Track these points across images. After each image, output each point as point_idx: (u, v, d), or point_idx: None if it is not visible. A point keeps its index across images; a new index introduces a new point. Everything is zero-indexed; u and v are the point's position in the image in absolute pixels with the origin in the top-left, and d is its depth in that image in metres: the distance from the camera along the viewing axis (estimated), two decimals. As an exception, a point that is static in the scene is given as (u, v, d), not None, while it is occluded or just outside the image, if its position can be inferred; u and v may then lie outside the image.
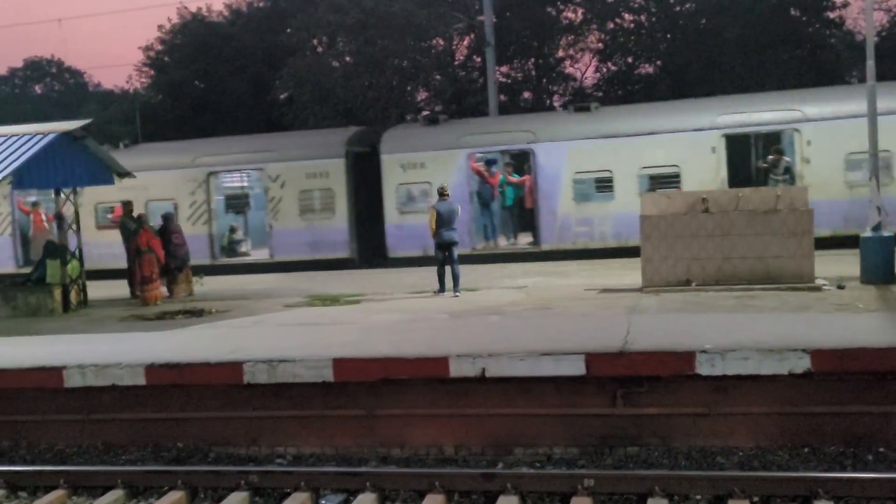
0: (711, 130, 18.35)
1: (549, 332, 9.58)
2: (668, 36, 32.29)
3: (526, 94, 34.49)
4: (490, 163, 20.46)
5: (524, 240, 20.41)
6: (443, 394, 8.69)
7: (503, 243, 20.39)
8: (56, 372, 9.49)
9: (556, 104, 34.06)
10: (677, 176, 18.32)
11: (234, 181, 24.18)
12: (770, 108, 18.60)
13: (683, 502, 6.94)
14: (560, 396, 8.47)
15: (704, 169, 18.23)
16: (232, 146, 22.25)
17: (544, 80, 34.57)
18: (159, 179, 20.81)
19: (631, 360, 8.23)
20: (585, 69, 35.30)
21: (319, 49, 35.08)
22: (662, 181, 18.43)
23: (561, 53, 34.11)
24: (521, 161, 20.71)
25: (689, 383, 8.20)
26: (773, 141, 18.80)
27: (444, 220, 13.69)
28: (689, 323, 9.71)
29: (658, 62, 32.68)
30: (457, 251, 13.86)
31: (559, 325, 10.17)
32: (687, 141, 18.42)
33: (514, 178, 20.36)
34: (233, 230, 22.56)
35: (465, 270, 14.29)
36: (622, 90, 33.10)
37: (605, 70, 34.24)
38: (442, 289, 13.71)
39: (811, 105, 18.29)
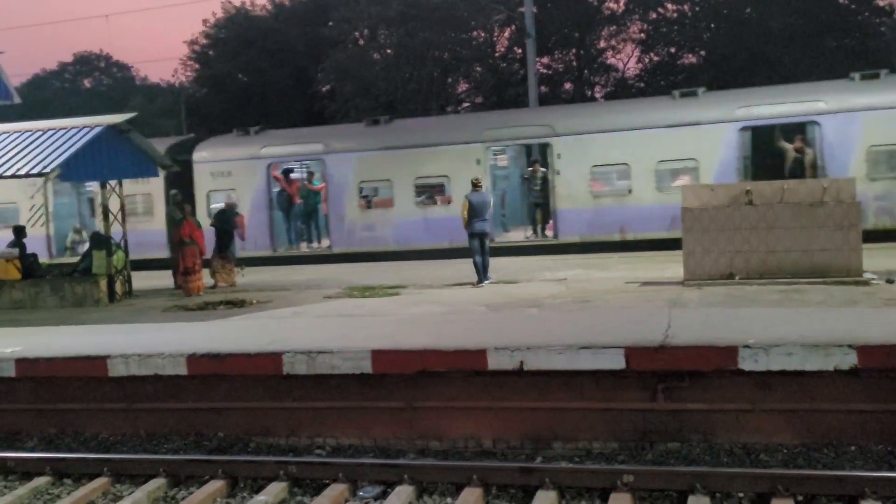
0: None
1: (589, 325, 9.49)
2: (712, 25, 31.83)
3: (567, 86, 34.26)
4: (288, 171, 21.93)
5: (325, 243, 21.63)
6: (481, 386, 8.65)
7: (304, 247, 21.96)
8: (100, 361, 9.64)
9: (597, 95, 33.78)
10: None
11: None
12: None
13: (725, 500, 6.83)
14: (599, 390, 8.39)
15: None
16: None
17: (585, 72, 34.29)
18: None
19: (672, 354, 8.11)
20: (627, 60, 34.99)
21: (361, 41, 35.23)
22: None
23: (602, 44, 33.83)
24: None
25: (732, 379, 8.06)
26: None
27: (476, 211, 14.03)
28: (732, 317, 9.55)
29: (701, 52, 32.23)
30: (488, 241, 14.34)
31: (598, 318, 10.07)
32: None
33: (314, 186, 21.64)
34: None
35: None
36: (665, 81, 32.72)
37: (647, 60, 33.87)
38: (480, 280, 13.97)
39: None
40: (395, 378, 8.85)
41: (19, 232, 16.28)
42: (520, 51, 32.65)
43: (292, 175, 22.25)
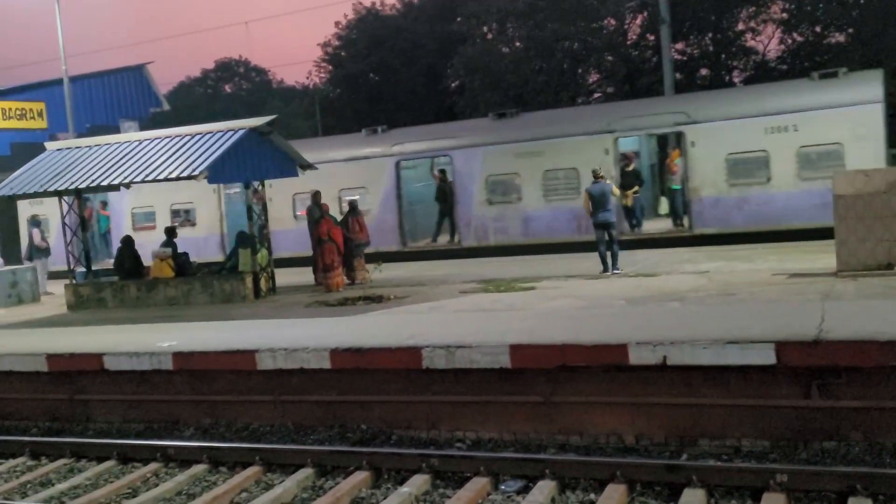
0: None
1: (735, 318, 9.14)
2: (861, 1, 29.98)
3: (703, 71, 33.13)
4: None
5: None
6: (622, 382, 8.49)
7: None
8: (249, 355, 10.04)
9: (736, 80, 32.50)
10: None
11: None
12: None
13: (890, 503, 6.43)
14: (748, 387, 8.07)
15: None
16: None
17: (723, 56, 33.06)
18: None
19: (828, 349, 7.70)
20: (768, 41, 33.45)
21: (489, 36, 35.24)
22: None
23: (741, 26, 32.45)
24: None
25: (895, 374, 7.59)
26: None
27: (597, 202, 14.21)
28: (893, 310, 8.98)
29: (849, 30, 30.43)
30: (615, 230, 14.41)
31: (745, 311, 9.69)
32: None
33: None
34: None
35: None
36: (809, 62, 31.12)
37: (790, 42, 32.31)
38: (605, 269, 14.18)
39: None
40: (535, 373, 8.81)
41: (171, 232, 17.17)
42: (653, 37, 31.80)
43: None
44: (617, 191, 14.84)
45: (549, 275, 14.60)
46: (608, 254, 14.32)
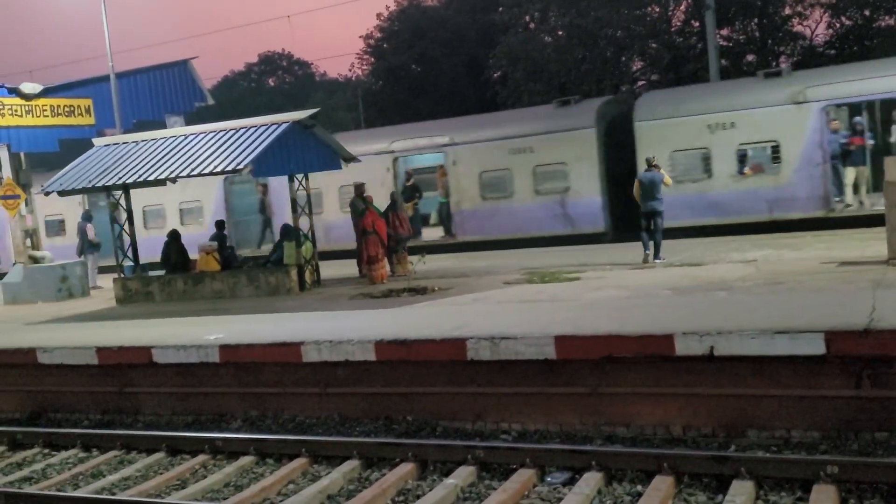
0: None
1: (783, 308, 8.98)
2: (913, -19, 29.23)
3: (749, 57, 32.54)
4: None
5: None
6: (668, 372, 8.40)
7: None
8: (295, 347, 10.13)
9: (782, 65, 31.90)
10: None
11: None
12: None
13: (946, 496, 6.28)
14: (797, 377, 7.93)
15: None
16: None
17: (769, 41, 32.44)
18: None
19: (879, 338, 7.53)
20: (816, 26, 32.73)
21: (531, 25, 35.02)
22: None
23: (788, 11, 31.80)
24: None
25: (950, 365, 7.40)
26: None
27: (646, 190, 14.32)
28: (948, 298, 8.75)
29: (900, 12, 29.68)
30: (661, 220, 14.42)
31: (793, 300, 9.51)
32: None
33: None
34: None
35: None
36: (858, 46, 30.42)
37: (837, 26, 31.59)
38: (647, 249, 14.33)
39: None
40: (580, 364, 8.75)
41: (220, 226, 17.37)
42: (697, 24, 31.35)
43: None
44: (669, 181, 14.72)
45: (593, 265, 14.48)
46: (650, 242, 14.36)
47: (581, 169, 20.09)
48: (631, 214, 18.28)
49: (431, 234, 23.00)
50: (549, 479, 7.46)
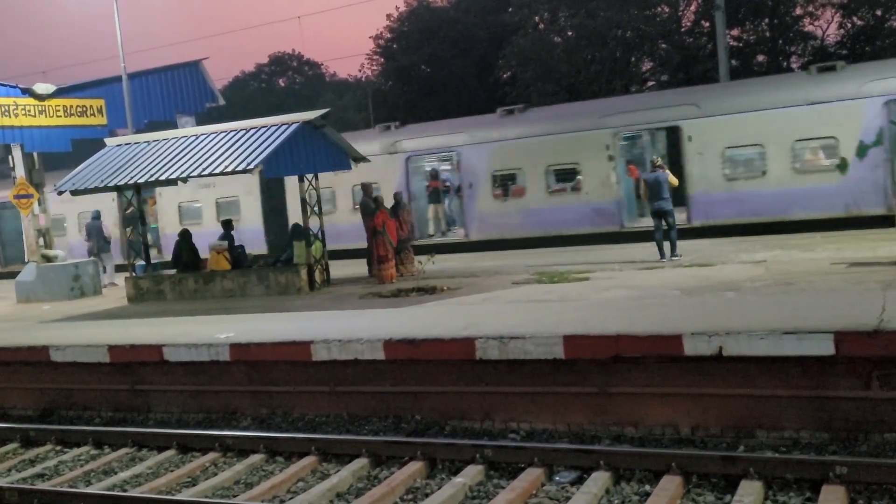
0: None
1: (792, 308, 8.98)
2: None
3: (760, 57, 32.46)
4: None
5: None
6: (677, 372, 8.41)
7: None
8: (305, 346, 10.18)
9: (793, 66, 31.81)
10: None
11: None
12: None
13: (955, 497, 6.28)
14: (806, 377, 7.93)
15: None
16: None
17: (780, 42, 32.36)
18: None
19: (889, 339, 7.52)
20: (827, 26, 32.62)
21: (541, 26, 35.05)
22: None
23: (799, 11, 31.73)
24: None
25: (960, 366, 7.38)
26: None
27: (652, 190, 14.56)
28: (958, 299, 8.73)
29: (912, 12, 29.59)
30: (672, 218, 14.58)
31: (803, 301, 9.51)
32: None
33: None
34: None
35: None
36: (870, 46, 30.32)
37: (849, 26, 31.48)
38: (662, 255, 14.44)
39: None
40: (588, 363, 8.77)
41: (228, 225, 17.45)
42: (708, 24, 31.32)
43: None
44: (674, 180, 14.88)
45: (602, 264, 14.49)
46: (665, 242, 14.57)
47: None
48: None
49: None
50: (557, 478, 7.48)
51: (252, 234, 23.58)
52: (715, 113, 18.69)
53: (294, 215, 22.85)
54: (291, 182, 21.54)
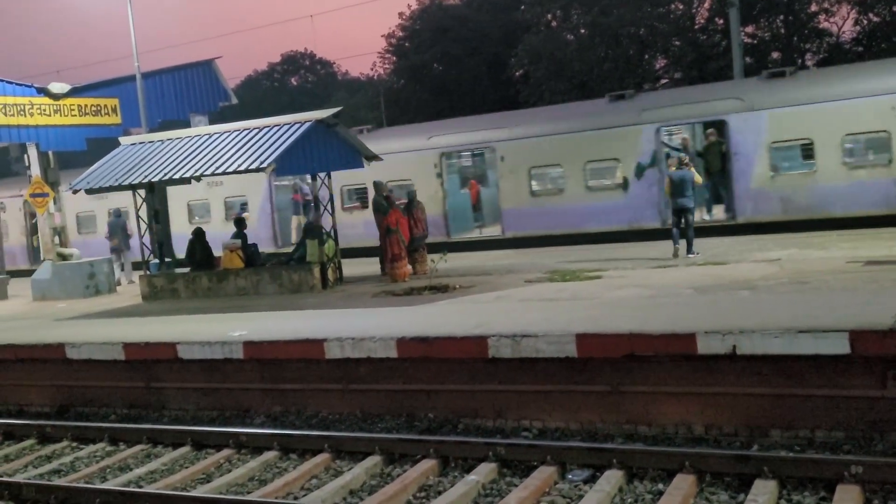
0: None
1: (807, 307, 8.94)
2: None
3: (774, 55, 32.30)
4: None
5: None
6: (690, 371, 8.39)
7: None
8: (318, 344, 10.21)
9: (808, 63, 31.63)
10: None
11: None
12: None
13: (971, 497, 6.24)
14: (821, 376, 7.89)
15: None
16: None
17: (795, 39, 32.19)
18: None
19: (904, 338, 7.48)
20: (843, 23, 32.42)
21: (554, 23, 34.99)
22: None
23: (814, 7, 31.54)
24: None
25: (976, 365, 7.33)
26: None
27: (676, 188, 14.74)
28: (975, 298, 8.67)
29: (929, 8, 29.37)
30: (692, 216, 14.83)
31: (818, 300, 9.47)
32: None
33: None
34: None
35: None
36: (886, 43, 30.11)
37: (865, 22, 31.27)
38: (675, 253, 14.71)
39: None
40: (601, 362, 8.76)
41: (241, 223, 17.51)
42: (722, 21, 31.18)
43: None
44: (699, 178, 15.23)
45: (616, 263, 14.47)
46: (682, 239, 14.80)
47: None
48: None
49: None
50: (570, 476, 7.48)
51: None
52: (521, 136, 20.70)
53: (176, 220, 24.31)
54: (174, 190, 22.31)
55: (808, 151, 17.70)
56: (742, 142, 18.08)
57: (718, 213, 19.19)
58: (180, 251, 18.59)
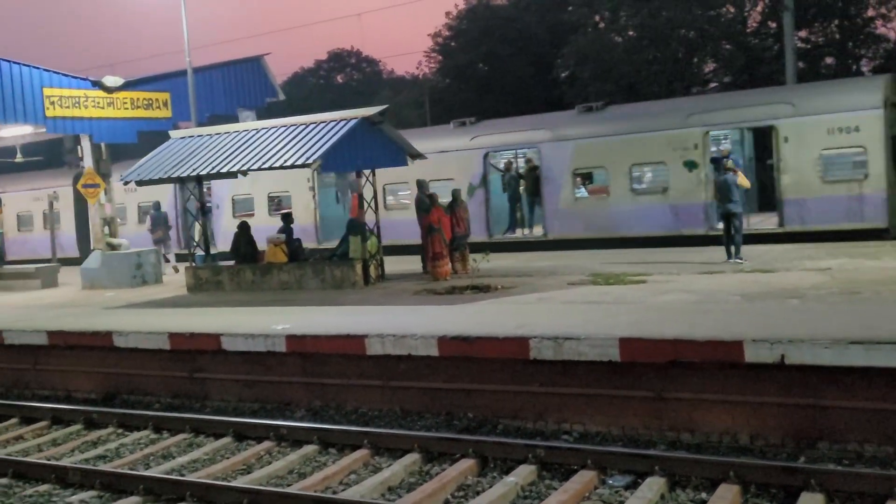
0: None
1: (859, 317, 8.75)
2: None
3: (828, 60, 31.68)
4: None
5: None
6: (736, 379, 8.26)
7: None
8: (359, 340, 10.24)
9: (864, 69, 30.97)
10: None
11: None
12: None
13: None
14: (872, 389, 7.71)
15: None
16: None
17: (850, 44, 31.54)
18: None
19: (960, 352, 7.29)
20: (901, 28, 31.69)
21: (601, 25, 34.73)
22: None
23: (871, 12, 30.87)
24: None
25: None
26: None
27: (721, 193, 14.72)
28: None
29: None
30: (739, 222, 14.66)
31: (870, 310, 9.26)
32: None
33: None
34: None
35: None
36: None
37: (923, 28, 30.54)
38: (729, 257, 14.57)
39: None
40: (645, 367, 8.67)
41: (287, 218, 17.65)
42: (775, 25, 30.69)
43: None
44: (746, 183, 15.02)
45: (660, 267, 14.31)
46: (731, 244, 14.67)
47: None
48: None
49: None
50: (610, 481, 7.41)
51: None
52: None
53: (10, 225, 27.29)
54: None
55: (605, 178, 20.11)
56: (551, 167, 20.49)
57: (538, 230, 21.37)
58: (225, 245, 18.90)
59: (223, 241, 22.19)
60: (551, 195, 20.68)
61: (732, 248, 14.59)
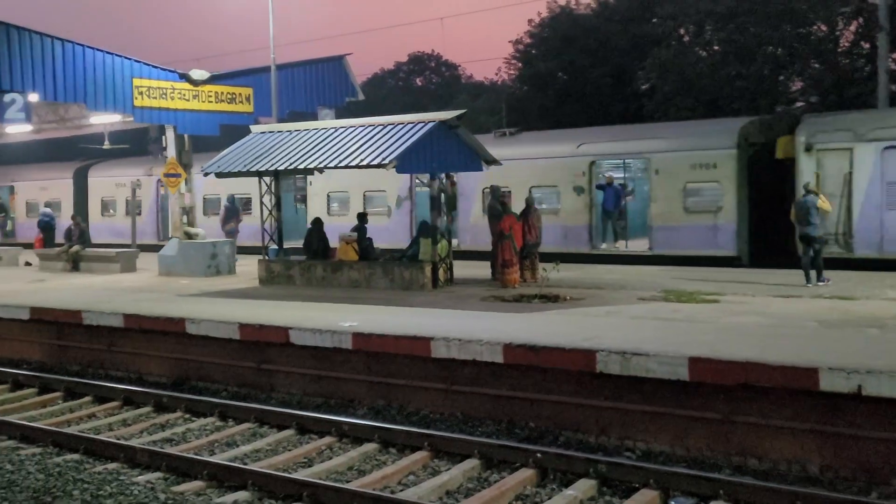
0: None
1: (943, 352, 8.41)
2: None
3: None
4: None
5: None
6: (809, 408, 8.03)
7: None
8: (424, 342, 10.28)
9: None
10: None
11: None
12: None
13: None
14: (953, 427, 7.41)
15: None
16: None
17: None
18: None
19: None
20: None
21: (686, 38, 34.19)
22: None
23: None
24: None
25: None
26: None
27: (799, 216, 14.40)
28: None
29: None
30: (819, 244, 14.33)
31: (955, 345, 8.89)
32: None
33: None
34: None
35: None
36: None
37: None
38: (808, 281, 14.20)
39: None
40: (713, 388, 8.49)
41: (362, 218, 17.82)
42: (868, 45, 29.75)
43: None
44: (826, 205, 14.68)
45: (735, 287, 13.99)
46: (811, 268, 14.27)
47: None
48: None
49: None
50: (672, 502, 7.27)
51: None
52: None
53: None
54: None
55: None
56: (466, 186, 21.88)
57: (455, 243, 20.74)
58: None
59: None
60: (464, 212, 22.40)
61: (812, 273, 14.15)
